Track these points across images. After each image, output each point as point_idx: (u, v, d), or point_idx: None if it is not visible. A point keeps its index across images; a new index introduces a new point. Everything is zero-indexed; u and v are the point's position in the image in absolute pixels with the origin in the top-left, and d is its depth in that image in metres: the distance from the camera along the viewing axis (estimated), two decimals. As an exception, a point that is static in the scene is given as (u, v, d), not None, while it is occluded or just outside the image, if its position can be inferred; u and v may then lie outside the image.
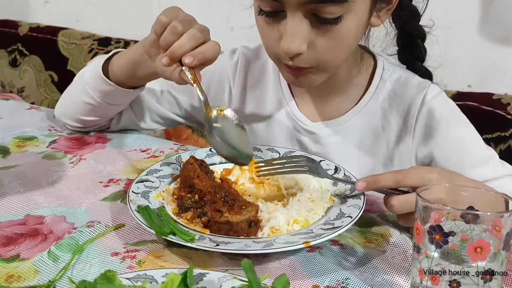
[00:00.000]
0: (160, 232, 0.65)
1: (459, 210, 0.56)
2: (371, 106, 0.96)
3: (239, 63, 1.04)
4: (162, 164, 0.84)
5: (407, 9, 0.92)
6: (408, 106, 0.94)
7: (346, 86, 0.96)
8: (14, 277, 0.62)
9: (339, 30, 0.79)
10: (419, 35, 0.96)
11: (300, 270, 0.65)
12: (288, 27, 0.78)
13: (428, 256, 0.57)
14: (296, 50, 0.79)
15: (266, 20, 0.82)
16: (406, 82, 0.96)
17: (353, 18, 0.79)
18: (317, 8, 0.76)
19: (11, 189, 0.82)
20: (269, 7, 0.80)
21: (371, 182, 0.72)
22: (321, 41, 0.80)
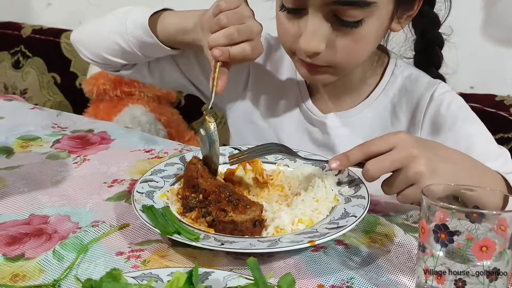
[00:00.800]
0: (165, 232, 0.65)
1: (464, 209, 0.56)
2: (381, 101, 0.97)
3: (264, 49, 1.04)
4: (167, 164, 0.84)
5: (427, 16, 0.93)
6: (417, 102, 0.95)
7: (360, 85, 0.97)
8: (19, 276, 0.62)
9: (359, 33, 0.79)
10: (437, 42, 0.97)
11: (305, 269, 0.65)
12: (309, 26, 0.79)
13: (434, 255, 0.57)
14: (315, 49, 0.80)
15: (288, 16, 0.83)
16: (416, 79, 0.97)
17: (374, 22, 0.80)
18: (339, 10, 0.77)
19: (16, 189, 0.82)
20: (292, 4, 0.81)
21: (343, 158, 0.73)
22: (340, 42, 0.81)
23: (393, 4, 0.81)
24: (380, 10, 0.79)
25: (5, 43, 2.10)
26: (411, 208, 0.80)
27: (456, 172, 0.72)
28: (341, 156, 0.73)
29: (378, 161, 0.70)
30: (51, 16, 2.17)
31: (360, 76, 0.96)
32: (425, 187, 0.59)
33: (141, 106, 1.66)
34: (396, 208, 0.81)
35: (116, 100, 1.70)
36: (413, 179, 0.69)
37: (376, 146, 0.71)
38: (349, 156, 0.72)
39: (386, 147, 0.70)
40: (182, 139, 1.68)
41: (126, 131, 1.08)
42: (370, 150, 0.71)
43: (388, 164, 0.70)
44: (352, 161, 0.72)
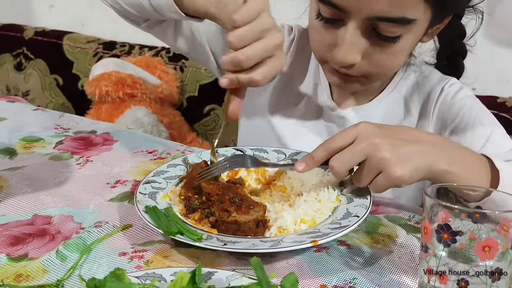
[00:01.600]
0: (168, 232, 0.65)
1: (467, 209, 0.57)
2: (394, 96, 0.98)
3: (295, 40, 1.04)
4: (169, 165, 0.84)
5: (456, 28, 0.94)
6: (428, 94, 0.96)
7: (380, 86, 0.98)
8: (23, 276, 0.63)
9: (395, 48, 0.80)
10: (460, 52, 0.98)
11: (307, 269, 0.65)
12: (348, 38, 0.79)
13: (436, 255, 0.57)
14: (352, 61, 0.81)
15: (324, 25, 0.82)
16: (429, 74, 0.98)
17: (410, 38, 0.80)
18: (379, 25, 0.77)
19: (19, 189, 0.82)
20: (330, 14, 0.80)
21: (308, 159, 0.72)
22: (376, 55, 0.81)
23: (429, 19, 0.81)
24: (418, 26, 0.79)
25: (7, 45, 2.10)
26: (413, 209, 0.81)
27: (425, 152, 0.71)
28: (306, 157, 0.73)
29: (340, 156, 0.70)
30: (53, 18, 2.18)
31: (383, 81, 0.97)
32: (427, 188, 0.60)
33: (143, 108, 1.67)
34: (398, 209, 0.81)
35: (119, 101, 1.70)
36: (379, 166, 0.68)
37: (337, 142, 0.70)
38: (314, 155, 0.72)
39: (347, 140, 0.70)
40: (184, 141, 1.68)
41: (128, 133, 1.08)
42: (332, 146, 0.70)
43: (350, 156, 0.69)
44: (318, 160, 0.72)
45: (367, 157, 0.69)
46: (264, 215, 0.70)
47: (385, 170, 0.68)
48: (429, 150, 0.71)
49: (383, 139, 0.69)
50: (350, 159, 0.69)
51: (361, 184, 0.72)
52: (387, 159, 0.68)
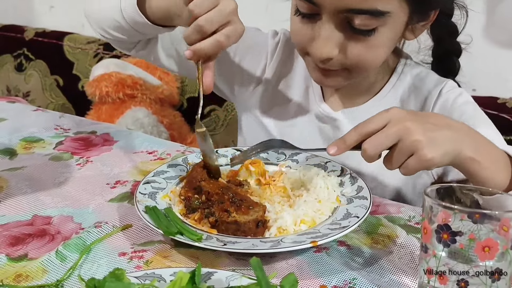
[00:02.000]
0: (167, 232, 0.65)
1: (466, 209, 0.56)
2: (390, 98, 0.97)
3: (280, 43, 1.05)
4: (169, 165, 0.84)
5: (445, 25, 0.93)
6: (425, 98, 0.95)
7: (372, 86, 0.98)
8: (23, 276, 0.63)
9: (371, 41, 0.80)
10: (454, 51, 0.98)
11: (307, 270, 0.65)
12: (322, 32, 0.80)
13: (436, 256, 0.57)
14: (327, 55, 0.81)
15: (302, 20, 0.83)
16: (425, 77, 0.98)
17: (387, 32, 0.80)
18: (353, 18, 0.77)
19: (19, 190, 0.82)
20: (306, 9, 0.81)
21: (339, 142, 0.72)
22: (353, 48, 0.81)
23: (408, 14, 0.81)
24: (393, 19, 0.79)
25: (8, 46, 2.10)
26: (413, 209, 0.81)
27: (455, 138, 0.71)
28: (338, 141, 0.72)
29: (373, 139, 0.70)
30: (53, 19, 2.18)
31: (371, 79, 0.96)
32: (426, 188, 0.60)
33: (143, 109, 1.67)
34: (398, 209, 0.81)
35: (119, 102, 1.70)
36: (411, 149, 0.69)
37: (370, 125, 0.70)
38: (346, 139, 0.72)
39: (380, 124, 0.70)
40: (184, 141, 1.68)
41: (128, 133, 1.08)
42: (365, 129, 0.70)
43: (384, 139, 0.69)
44: (349, 143, 0.71)
45: (400, 139, 0.69)
46: (264, 215, 0.70)
47: (417, 152, 0.68)
48: (458, 137, 0.72)
49: (416, 123, 0.69)
50: (384, 142, 0.69)
51: (392, 167, 0.71)
52: (420, 141, 0.68)
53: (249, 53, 1.04)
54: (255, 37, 1.05)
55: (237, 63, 1.04)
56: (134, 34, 0.93)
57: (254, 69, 1.05)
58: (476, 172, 0.73)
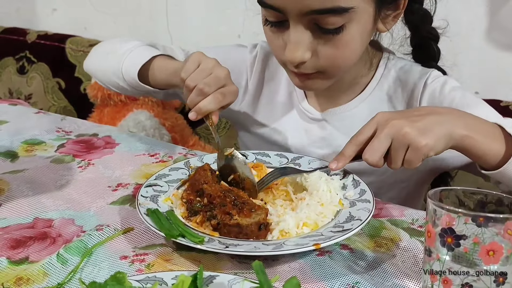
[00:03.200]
0: (169, 235, 0.65)
1: (471, 212, 0.56)
2: (376, 94, 0.98)
3: (258, 56, 1.06)
4: (171, 169, 0.84)
5: (418, 13, 0.93)
6: (412, 90, 0.96)
7: (353, 84, 0.98)
8: (23, 280, 0.62)
9: (342, 39, 0.80)
10: (432, 37, 0.98)
11: (310, 273, 0.65)
12: (291, 37, 0.81)
13: (440, 259, 0.56)
14: (300, 59, 0.81)
15: (272, 29, 0.84)
16: (409, 69, 0.98)
17: (355, 27, 0.80)
18: (318, 19, 0.78)
19: (20, 192, 0.82)
20: (273, 17, 0.82)
21: (339, 157, 0.76)
22: (324, 49, 0.81)
23: (374, 6, 0.80)
24: (359, 14, 0.78)
25: (10, 48, 2.10)
26: (416, 213, 0.80)
27: (442, 120, 0.74)
28: (338, 156, 0.76)
29: (369, 146, 0.73)
30: (56, 21, 2.18)
31: (353, 75, 0.96)
32: (430, 191, 0.59)
33: (145, 111, 1.67)
34: (401, 212, 0.80)
35: (121, 105, 1.70)
36: (405, 142, 0.71)
37: (362, 134, 0.75)
38: (344, 152, 0.76)
39: (370, 131, 0.74)
40: (186, 144, 1.68)
41: (130, 136, 1.08)
42: (359, 140, 0.75)
43: (379, 144, 0.73)
44: (348, 156, 0.76)
45: (393, 138, 0.72)
46: (266, 218, 0.70)
47: (411, 143, 0.71)
48: (446, 119, 0.74)
49: (401, 119, 0.72)
50: (380, 145, 0.73)
51: (396, 166, 0.74)
52: (409, 133, 0.71)
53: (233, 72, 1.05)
54: (235, 56, 1.08)
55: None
56: (135, 93, 1.02)
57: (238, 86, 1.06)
58: (472, 147, 0.75)
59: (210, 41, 1.75)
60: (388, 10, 0.85)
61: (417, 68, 0.99)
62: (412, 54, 1.02)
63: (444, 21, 0.97)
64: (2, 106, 1.20)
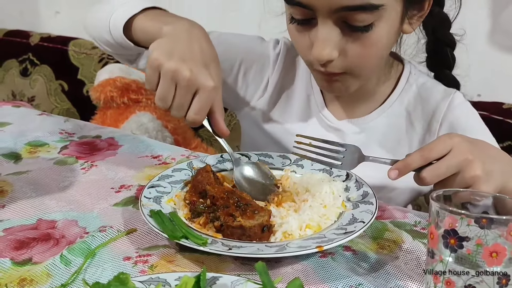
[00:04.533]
0: (172, 236, 0.65)
1: (473, 214, 0.56)
2: (396, 108, 0.97)
3: (281, 53, 1.04)
4: (174, 170, 0.84)
5: (437, 16, 0.93)
6: (433, 111, 0.95)
7: (375, 91, 0.97)
8: (27, 281, 0.62)
9: (370, 38, 0.79)
10: (448, 43, 0.97)
11: (313, 275, 0.65)
12: (319, 34, 0.79)
13: (443, 261, 0.56)
14: (327, 57, 0.80)
15: (298, 28, 0.83)
16: (432, 87, 0.97)
17: (384, 26, 0.79)
18: (348, 16, 0.77)
19: (23, 194, 0.82)
20: (300, 15, 0.81)
21: (402, 167, 0.72)
22: (353, 48, 0.80)
23: (402, 5, 0.80)
24: (389, 12, 0.78)
25: (13, 51, 2.11)
26: (419, 215, 0.80)
27: (505, 170, 0.73)
28: (400, 165, 0.72)
29: (434, 168, 0.70)
30: (59, 24, 2.19)
31: (374, 83, 0.96)
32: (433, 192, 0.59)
33: (148, 113, 1.67)
34: (404, 214, 0.80)
35: (123, 107, 1.71)
36: (469, 183, 0.70)
37: (434, 152, 0.71)
38: (410, 163, 0.71)
39: (444, 152, 0.70)
40: (188, 146, 1.68)
41: (133, 138, 1.08)
42: (430, 156, 0.71)
43: (445, 170, 0.70)
44: (413, 167, 0.72)
45: (460, 171, 0.70)
46: (269, 220, 0.70)
47: (474, 186, 0.69)
48: (506, 169, 0.73)
49: (476, 157, 0.70)
50: (444, 173, 0.70)
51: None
52: (479, 177, 0.69)
53: (253, 66, 1.04)
54: (259, 49, 1.05)
55: (242, 76, 1.04)
56: (125, 51, 0.94)
57: (258, 81, 1.05)
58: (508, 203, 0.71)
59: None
60: (414, 9, 0.85)
61: (439, 87, 0.98)
62: (427, 61, 1.01)
63: (461, 29, 0.96)
64: (5, 108, 1.20)
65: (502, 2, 1.42)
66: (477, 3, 1.43)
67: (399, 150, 0.95)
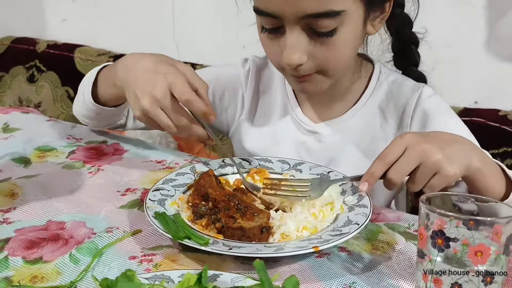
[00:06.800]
0: (176, 237, 0.68)
1: (461, 216, 0.59)
2: (369, 106, 1.01)
3: (251, 70, 1.10)
4: (177, 174, 0.87)
5: (399, 17, 0.98)
6: (404, 106, 0.99)
7: (346, 92, 1.02)
8: (38, 278, 0.66)
9: (335, 41, 0.84)
10: (412, 41, 1.02)
11: (309, 274, 0.68)
12: (288, 41, 0.84)
13: (431, 260, 0.59)
14: (297, 62, 0.85)
15: (268, 36, 0.88)
16: (401, 84, 1.02)
17: (347, 29, 0.84)
18: (313, 22, 0.82)
19: (33, 196, 0.86)
20: (269, 24, 0.86)
21: (369, 177, 0.75)
22: (320, 51, 0.85)
23: (363, 9, 0.85)
24: (351, 16, 0.83)
25: (20, 57, 2.15)
26: (413, 217, 0.83)
27: (465, 151, 0.76)
28: (366, 176, 0.76)
29: (397, 166, 0.73)
30: (65, 32, 2.22)
31: (345, 82, 1.00)
32: (422, 196, 0.63)
33: (152, 119, 1.70)
34: (398, 217, 0.83)
35: (128, 113, 1.74)
36: (434, 168, 0.73)
37: (391, 155, 0.74)
38: (373, 172, 0.75)
39: (400, 151, 0.74)
40: (191, 151, 1.71)
41: (138, 143, 1.11)
42: (389, 160, 0.74)
43: (406, 165, 0.73)
44: (378, 175, 0.75)
45: (421, 162, 0.73)
46: (268, 221, 0.73)
47: (440, 171, 0.73)
48: (467, 149, 0.77)
49: (432, 144, 0.73)
50: (407, 167, 0.73)
51: (417, 188, 0.75)
52: (441, 160, 0.72)
53: (226, 91, 1.11)
54: (227, 72, 1.12)
55: (219, 102, 1.11)
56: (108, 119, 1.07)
57: (235, 101, 1.11)
58: (479, 181, 0.77)
59: (216, 50, 1.79)
60: (376, 12, 0.89)
61: (409, 82, 1.02)
62: (393, 60, 1.06)
63: (423, 28, 1.01)
64: (14, 114, 1.24)
65: (498, 12, 1.45)
66: (474, 12, 1.46)
67: (375, 147, 0.99)
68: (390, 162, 0.74)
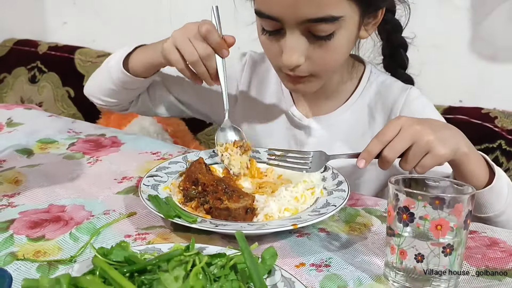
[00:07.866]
0: (167, 216, 0.74)
1: (426, 193, 0.66)
2: (358, 105, 1.07)
3: (247, 64, 1.17)
4: (170, 162, 0.93)
5: (390, 22, 1.04)
6: (392, 105, 1.05)
7: (338, 90, 1.08)
8: (41, 253, 0.72)
9: (332, 44, 0.89)
10: (401, 46, 1.08)
11: (289, 251, 0.74)
12: (288, 43, 0.89)
13: (398, 235, 0.66)
14: (296, 63, 0.90)
15: (269, 37, 0.93)
16: (390, 85, 1.08)
17: (344, 33, 0.90)
18: (312, 27, 0.87)
19: (36, 183, 0.92)
20: (270, 26, 0.91)
21: (366, 155, 0.81)
22: (317, 54, 0.90)
23: (359, 14, 0.91)
24: (347, 22, 0.88)
25: (22, 59, 2.21)
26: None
27: (455, 136, 0.83)
28: (364, 154, 0.81)
29: (391, 145, 0.79)
30: (66, 34, 2.28)
31: (337, 82, 1.06)
32: (391, 177, 0.69)
33: (149, 117, 1.77)
34: (376, 203, 0.89)
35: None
36: (426, 148, 0.79)
37: (388, 133, 0.80)
38: (370, 150, 0.80)
39: (395, 131, 0.80)
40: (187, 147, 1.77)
41: (135, 137, 1.18)
42: (385, 139, 0.80)
43: (400, 144, 0.79)
44: (374, 153, 0.80)
45: (414, 142, 0.79)
46: (252, 203, 0.79)
47: (432, 150, 0.79)
48: (456, 135, 0.84)
49: (425, 125, 0.80)
50: (400, 145, 0.79)
51: (409, 167, 0.81)
52: (432, 141, 0.79)
53: None
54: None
55: (214, 90, 1.14)
56: (125, 93, 1.14)
57: (230, 91, 1.15)
58: (466, 165, 0.84)
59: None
60: (369, 18, 0.95)
61: (397, 83, 1.08)
62: (383, 62, 1.12)
63: (412, 33, 1.07)
64: (18, 110, 1.30)
65: (482, 12, 1.51)
66: (458, 13, 1.52)
67: (363, 143, 1.04)
68: (386, 141, 0.80)
